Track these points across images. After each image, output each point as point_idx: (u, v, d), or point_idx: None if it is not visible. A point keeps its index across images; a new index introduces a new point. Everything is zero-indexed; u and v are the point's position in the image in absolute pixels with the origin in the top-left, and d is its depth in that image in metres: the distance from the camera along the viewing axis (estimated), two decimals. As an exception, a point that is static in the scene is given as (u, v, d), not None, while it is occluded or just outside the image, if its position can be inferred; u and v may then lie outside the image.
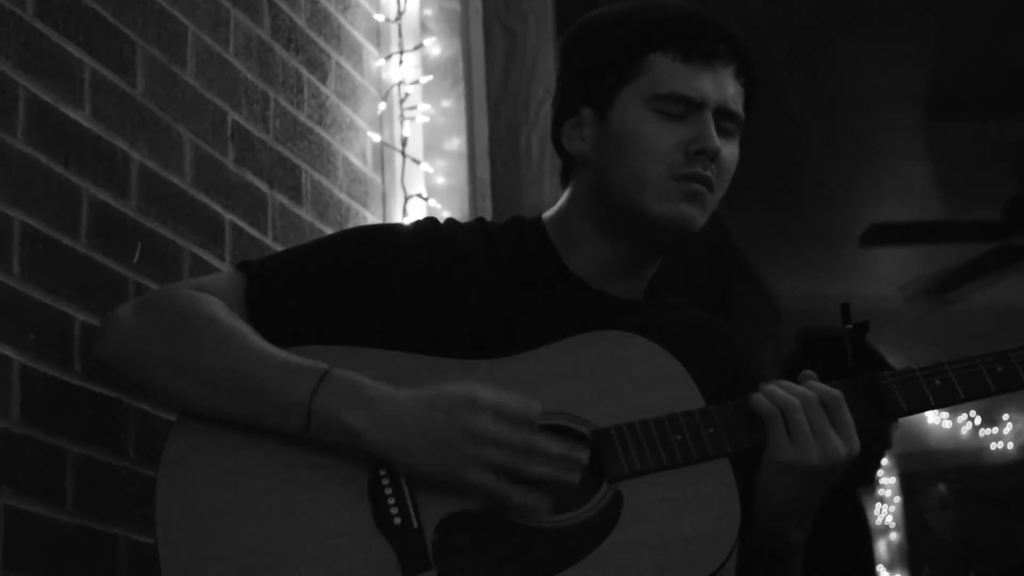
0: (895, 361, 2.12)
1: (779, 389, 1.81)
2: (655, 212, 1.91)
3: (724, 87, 1.93)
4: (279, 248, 2.63)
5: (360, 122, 3.07)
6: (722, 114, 1.93)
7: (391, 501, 1.72)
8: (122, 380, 2.03)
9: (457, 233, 1.98)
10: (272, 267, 1.93)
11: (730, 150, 1.95)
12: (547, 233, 2.00)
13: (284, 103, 2.74)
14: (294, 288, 1.89)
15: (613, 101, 1.95)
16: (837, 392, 1.81)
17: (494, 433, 1.69)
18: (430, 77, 3.24)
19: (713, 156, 1.91)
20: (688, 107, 1.92)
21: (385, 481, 1.74)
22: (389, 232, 1.99)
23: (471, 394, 1.71)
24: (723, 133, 1.93)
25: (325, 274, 1.90)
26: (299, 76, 2.81)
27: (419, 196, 3.15)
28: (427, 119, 3.23)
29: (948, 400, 1.85)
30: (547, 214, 2.03)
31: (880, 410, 1.84)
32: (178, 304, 1.85)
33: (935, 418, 9.17)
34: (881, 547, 8.77)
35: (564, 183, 2.04)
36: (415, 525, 1.71)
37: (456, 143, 3.27)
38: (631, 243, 1.96)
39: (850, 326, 1.85)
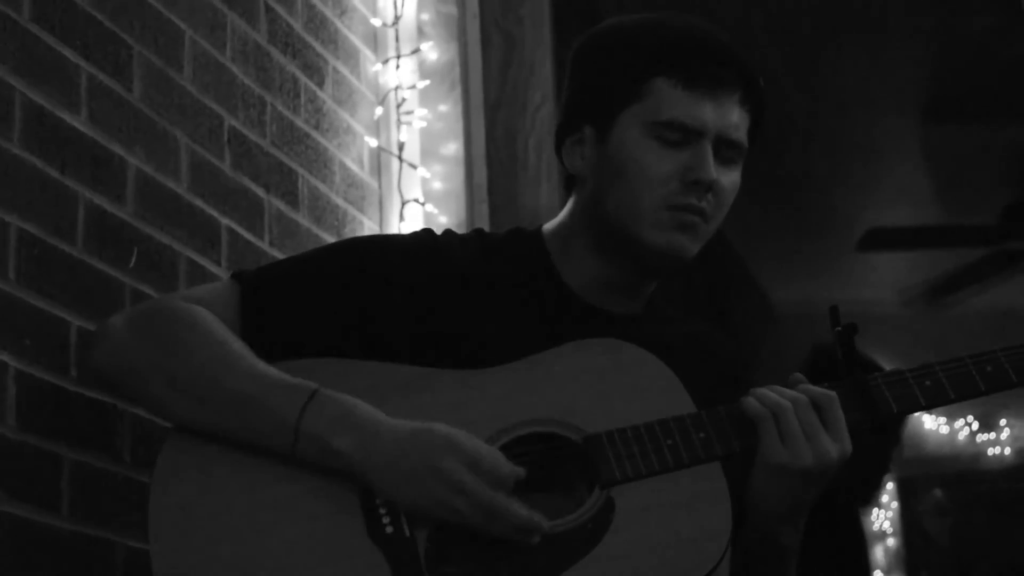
0: (892, 366, 2.12)
1: (770, 392, 1.81)
2: (647, 240, 1.91)
3: (727, 116, 1.92)
4: (276, 253, 2.63)
5: (357, 127, 3.07)
6: (723, 143, 1.92)
7: (383, 511, 1.72)
8: (113, 390, 2.03)
9: (454, 245, 1.97)
10: (267, 277, 1.92)
11: (730, 179, 1.94)
12: (545, 246, 2.00)
13: (281, 108, 2.74)
14: (289, 299, 1.89)
15: (614, 123, 1.94)
16: (831, 393, 1.81)
17: (460, 482, 1.69)
18: (427, 82, 3.24)
19: (708, 187, 1.90)
20: (687, 135, 1.90)
21: (378, 491, 1.74)
22: (385, 243, 1.98)
23: (453, 438, 1.72)
24: (723, 161, 1.92)
25: (320, 285, 1.89)
26: (296, 81, 2.81)
27: (416, 201, 3.15)
28: (424, 124, 3.23)
29: (938, 400, 1.85)
30: (547, 226, 2.03)
31: (870, 412, 1.84)
32: (172, 317, 1.85)
33: (932, 423, 9.17)
34: (878, 552, 8.77)
35: (567, 192, 2.04)
36: (407, 534, 1.71)
37: (453, 148, 3.27)
38: (626, 264, 1.96)
39: (839, 328, 1.85)
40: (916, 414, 9.48)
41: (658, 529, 1.73)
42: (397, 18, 3.22)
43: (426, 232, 2.00)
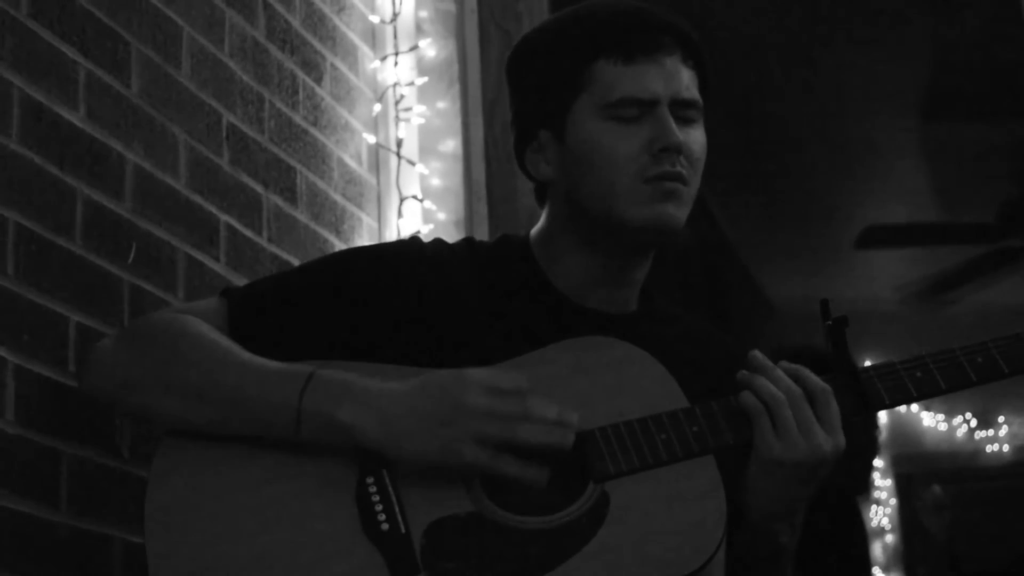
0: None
1: (767, 384, 1.80)
2: (633, 218, 1.90)
3: (674, 78, 1.91)
4: (274, 249, 2.63)
5: (355, 123, 3.07)
6: (678, 104, 1.91)
7: (378, 507, 1.72)
8: (112, 408, 2.03)
9: (443, 254, 1.96)
10: (255, 294, 1.92)
11: (695, 137, 1.93)
12: (532, 251, 1.99)
13: (279, 104, 2.74)
14: (278, 313, 1.88)
15: (567, 118, 1.93)
16: (826, 386, 1.81)
17: (487, 405, 1.70)
18: (425, 78, 3.25)
19: (678, 150, 1.90)
20: (642, 108, 1.90)
21: (372, 488, 1.73)
22: (372, 254, 1.97)
23: (460, 373, 1.73)
24: (684, 122, 1.92)
25: (309, 298, 1.89)
26: (294, 77, 2.81)
27: (414, 197, 3.15)
28: (422, 120, 3.23)
29: (930, 392, 1.85)
30: (533, 231, 2.02)
31: (862, 404, 1.84)
32: (160, 327, 1.86)
33: (931, 420, 9.19)
34: (877, 549, 8.78)
35: (540, 203, 2.03)
36: (403, 530, 1.71)
37: (451, 144, 3.27)
38: (614, 252, 1.95)
39: (830, 322, 1.85)
40: (915, 410, 9.46)
41: (652, 522, 1.73)
42: (395, 15, 3.22)
43: (413, 240, 1.99)
